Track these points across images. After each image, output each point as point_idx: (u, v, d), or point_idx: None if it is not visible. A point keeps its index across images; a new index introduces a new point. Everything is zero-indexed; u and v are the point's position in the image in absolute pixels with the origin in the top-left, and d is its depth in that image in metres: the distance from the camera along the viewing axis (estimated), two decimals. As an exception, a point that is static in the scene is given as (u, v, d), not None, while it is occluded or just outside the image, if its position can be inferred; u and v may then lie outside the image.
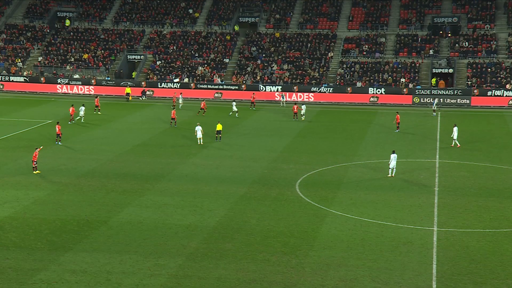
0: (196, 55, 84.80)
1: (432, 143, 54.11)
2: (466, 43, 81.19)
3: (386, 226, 33.57)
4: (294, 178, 42.56)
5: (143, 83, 79.72)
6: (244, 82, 79.58)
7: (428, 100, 73.58)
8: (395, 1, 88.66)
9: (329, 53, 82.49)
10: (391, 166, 42.63)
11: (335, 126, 62.01)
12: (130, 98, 75.67)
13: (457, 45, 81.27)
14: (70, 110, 60.77)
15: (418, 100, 74.33)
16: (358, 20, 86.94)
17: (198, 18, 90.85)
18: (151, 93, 78.50)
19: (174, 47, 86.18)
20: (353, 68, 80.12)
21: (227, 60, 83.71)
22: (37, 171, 42.88)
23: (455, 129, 52.51)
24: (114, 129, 59.36)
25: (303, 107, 64.27)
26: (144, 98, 76.89)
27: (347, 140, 55.25)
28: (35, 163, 42.95)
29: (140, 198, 37.88)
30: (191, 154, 49.26)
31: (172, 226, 33.25)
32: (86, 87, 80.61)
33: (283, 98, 72.84)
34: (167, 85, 79.10)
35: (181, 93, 73.41)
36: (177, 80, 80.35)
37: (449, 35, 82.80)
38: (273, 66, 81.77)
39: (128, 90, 76.46)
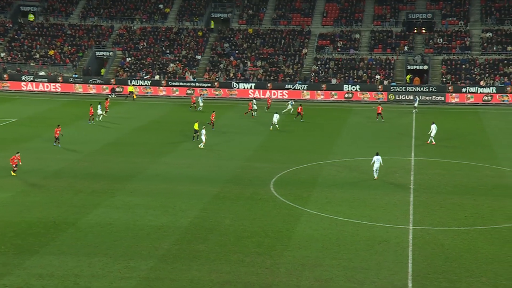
0: (167, 51, 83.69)
1: (407, 141, 53.93)
2: (441, 39, 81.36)
3: (361, 225, 33.26)
4: (269, 177, 42.00)
5: (112, 80, 78.36)
6: (217, 79, 78.72)
7: (403, 97, 73.61)
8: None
9: (303, 50, 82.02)
10: (374, 168, 41.76)
11: (310, 124, 61.49)
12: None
13: (431, 41, 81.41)
14: (89, 110, 59.79)
15: (393, 97, 74.26)
16: (332, 16, 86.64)
17: (169, 14, 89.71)
18: (121, 89, 77.30)
19: (145, 44, 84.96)
20: (327, 65, 79.74)
21: (199, 57, 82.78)
22: (14, 173, 41.62)
23: (433, 126, 52.26)
24: (82, 127, 58.16)
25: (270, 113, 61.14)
26: (113, 96, 75.35)
27: (322, 138, 54.84)
28: (14, 166, 41.68)
29: (110, 199, 37.11)
30: (163, 153, 48.41)
31: (144, 227, 32.63)
32: (52, 84, 78.90)
33: (291, 104, 66.79)
34: (137, 82, 77.92)
35: (201, 94, 72.11)
36: (147, 77, 79.18)
37: (423, 31, 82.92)
38: (247, 63, 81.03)
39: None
